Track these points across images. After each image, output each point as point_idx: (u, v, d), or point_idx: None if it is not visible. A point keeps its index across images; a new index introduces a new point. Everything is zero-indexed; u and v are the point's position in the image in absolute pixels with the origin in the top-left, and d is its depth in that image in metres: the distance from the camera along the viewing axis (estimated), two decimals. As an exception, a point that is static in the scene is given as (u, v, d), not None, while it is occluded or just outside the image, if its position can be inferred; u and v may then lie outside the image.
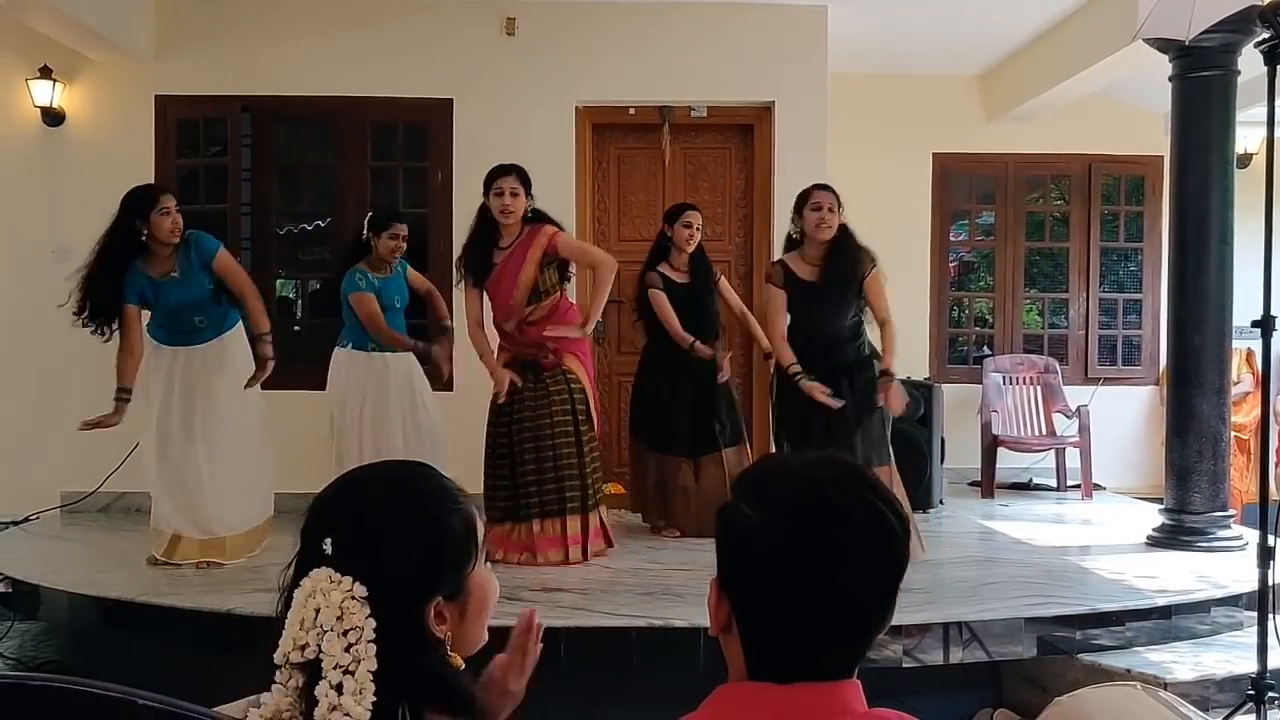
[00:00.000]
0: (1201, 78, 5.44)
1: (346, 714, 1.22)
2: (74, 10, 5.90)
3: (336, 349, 5.57)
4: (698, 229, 5.86)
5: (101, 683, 1.05)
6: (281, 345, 6.79)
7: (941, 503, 6.89)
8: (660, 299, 5.75)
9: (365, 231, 5.49)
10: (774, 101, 6.79)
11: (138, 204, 4.83)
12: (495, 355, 5.24)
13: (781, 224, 6.58)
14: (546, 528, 5.11)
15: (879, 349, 5.09)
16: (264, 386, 5.10)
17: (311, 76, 6.67)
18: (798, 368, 4.94)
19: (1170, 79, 5.59)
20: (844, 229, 5.02)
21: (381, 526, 1.33)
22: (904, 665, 4.10)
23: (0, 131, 6.77)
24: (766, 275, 5.24)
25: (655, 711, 1.35)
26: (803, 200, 5.04)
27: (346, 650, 1.24)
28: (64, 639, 5.08)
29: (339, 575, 1.27)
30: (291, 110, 6.86)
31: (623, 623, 4.12)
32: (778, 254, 6.57)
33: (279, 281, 7.18)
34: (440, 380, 5.70)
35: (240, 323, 5.11)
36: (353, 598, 1.26)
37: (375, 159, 6.88)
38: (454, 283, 5.38)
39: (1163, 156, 7.05)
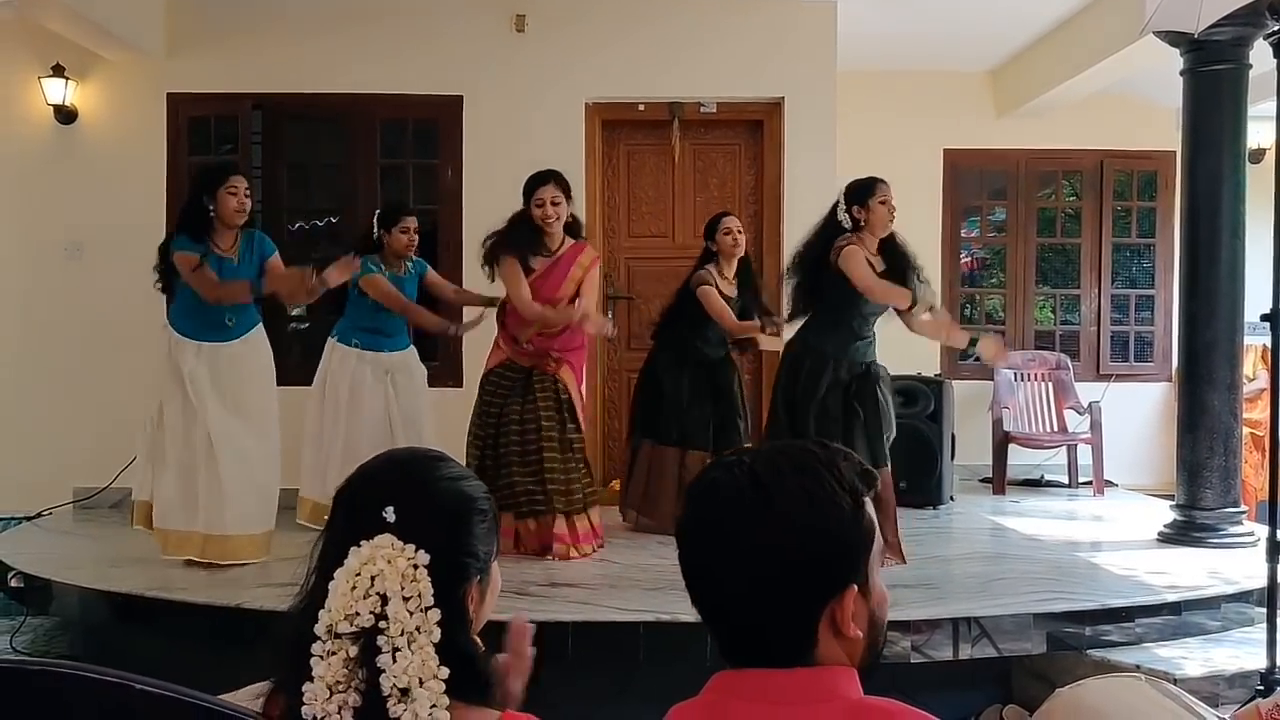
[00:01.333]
0: (1213, 72, 5.42)
1: (420, 681, 1.22)
2: (86, 9, 5.93)
3: (330, 339, 5.61)
4: (739, 232, 5.71)
5: (98, 667, 1.06)
6: (292, 341, 6.88)
7: (952, 499, 6.87)
8: (712, 294, 5.56)
9: (376, 229, 5.50)
10: (784, 98, 6.78)
11: (207, 180, 4.86)
12: (489, 355, 5.24)
13: (791, 219, 6.60)
14: (530, 526, 5.14)
15: None
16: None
17: (322, 74, 6.69)
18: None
19: (1181, 73, 5.56)
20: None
21: (442, 501, 1.35)
22: (913, 661, 4.10)
23: (13, 130, 6.81)
24: (852, 251, 4.86)
25: (663, 706, 1.35)
26: (868, 192, 4.90)
27: (411, 616, 1.24)
28: (76, 634, 5.11)
29: (401, 543, 1.28)
30: (302, 107, 6.89)
31: (630, 617, 4.12)
32: (788, 250, 6.58)
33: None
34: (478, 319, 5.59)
35: (260, 324, 5.06)
36: (415, 565, 1.27)
37: (385, 156, 6.90)
38: (482, 266, 5.17)
39: (1175, 152, 7.00)
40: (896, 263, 4.95)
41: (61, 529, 6.06)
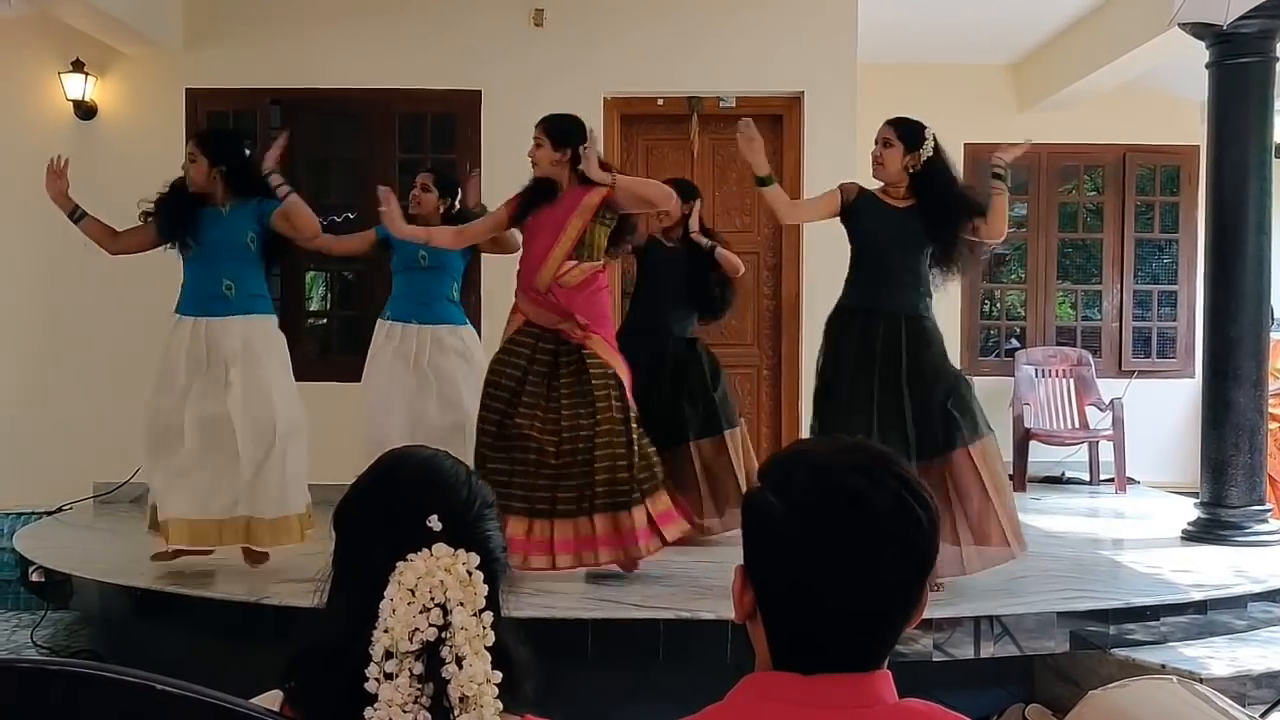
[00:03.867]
0: (1239, 64, 5.36)
1: (479, 686, 1.21)
2: (105, 4, 5.94)
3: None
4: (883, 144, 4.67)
5: (120, 667, 1.04)
6: (311, 337, 6.88)
7: (972, 496, 6.81)
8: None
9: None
10: (803, 92, 6.74)
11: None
12: (508, 321, 4.72)
13: (811, 215, 6.56)
14: (596, 525, 4.48)
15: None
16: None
17: (340, 69, 6.69)
18: None
19: (1207, 66, 5.51)
20: None
21: (470, 501, 1.33)
22: (934, 659, 4.06)
23: (33, 125, 6.83)
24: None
25: (683, 703, 1.33)
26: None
27: (472, 622, 1.23)
28: (96, 628, 5.13)
29: (453, 549, 1.26)
30: (320, 103, 6.88)
31: (650, 614, 4.09)
32: (808, 245, 6.57)
33: (309, 274, 7.20)
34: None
35: (273, 317, 4.84)
36: (469, 570, 1.25)
37: (404, 151, 6.88)
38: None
39: (1198, 146, 6.96)
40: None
41: (82, 524, 6.09)
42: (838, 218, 4.61)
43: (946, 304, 7.76)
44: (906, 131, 4.49)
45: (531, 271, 4.60)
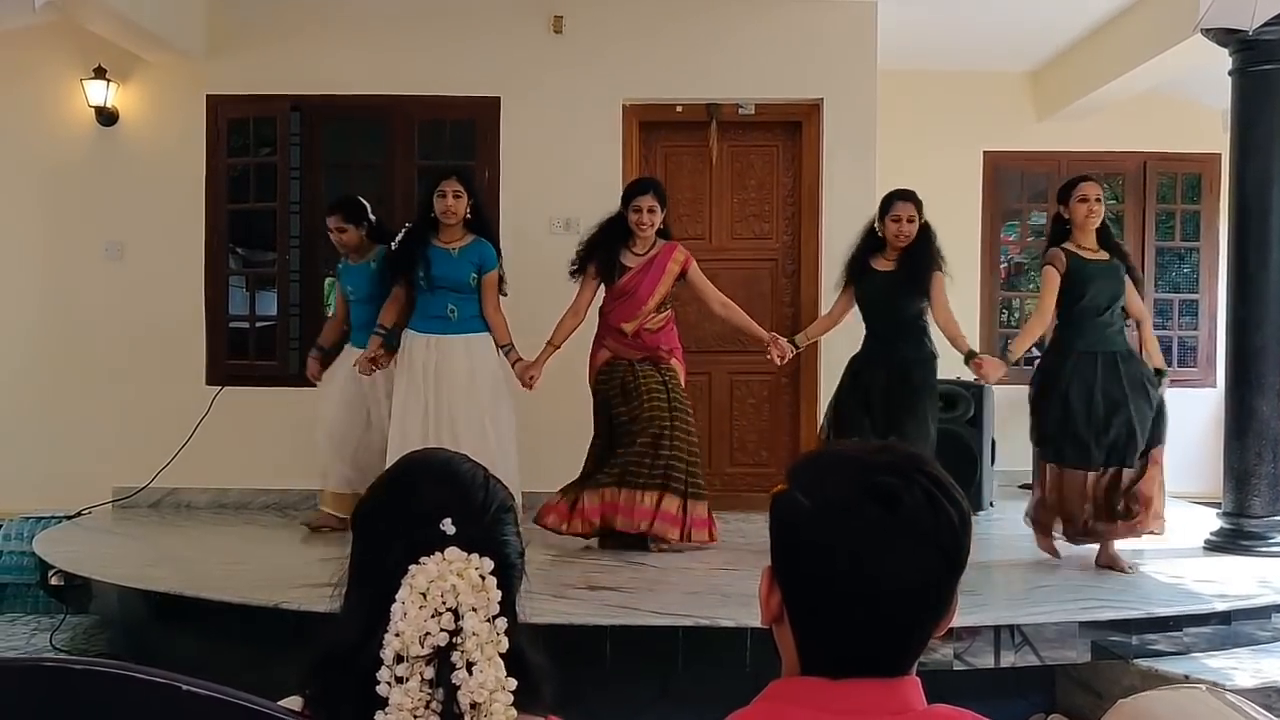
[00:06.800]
0: (1262, 72, 5.33)
1: (492, 692, 1.20)
2: (128, 11, 5.97)
3: None
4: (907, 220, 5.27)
5: (144, 667, 1.04)
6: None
7: (991, 505, 6.79)
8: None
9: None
10: (823, 99, 6.72)
11: (428, 182, 5.58)
12: (592, 353, 5.51)
13: (830, 222, 6.54)
14: (645, 499, 5.27)
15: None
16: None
17: (360, 76, 6.70)
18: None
19: (1230, 73, 5.47)
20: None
21: (487, 504, 1.32)
22: (955, 668, 4.03)
23: (55, 131, 6.87)
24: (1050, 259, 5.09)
25: (701, 711, 1.32)
26: (1068, 192, 5.06)
27: (484, 628, 1.21)
28: (115, 632, 5.13)
29: (466, 554, 1.25)
30: (340, 109, 6.90)
31: (669, 622, 4.07)
32: (826, 252, 6.54)
33: (328, 281, 7.22)
34: None
35: (489, 336, 5.46)
36: (483, 575, 1.24)
37: (423, 157, 6.87)
38: (570, 273, 5.49)
39: (1220, 154, 6.91)
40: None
41: (101, 528, 6.11)
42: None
43: (965, 312, 7.75)
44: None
45: (621, 320, 5.42)
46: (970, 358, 5.12)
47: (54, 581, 5.23)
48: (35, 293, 6.92)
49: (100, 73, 6.71)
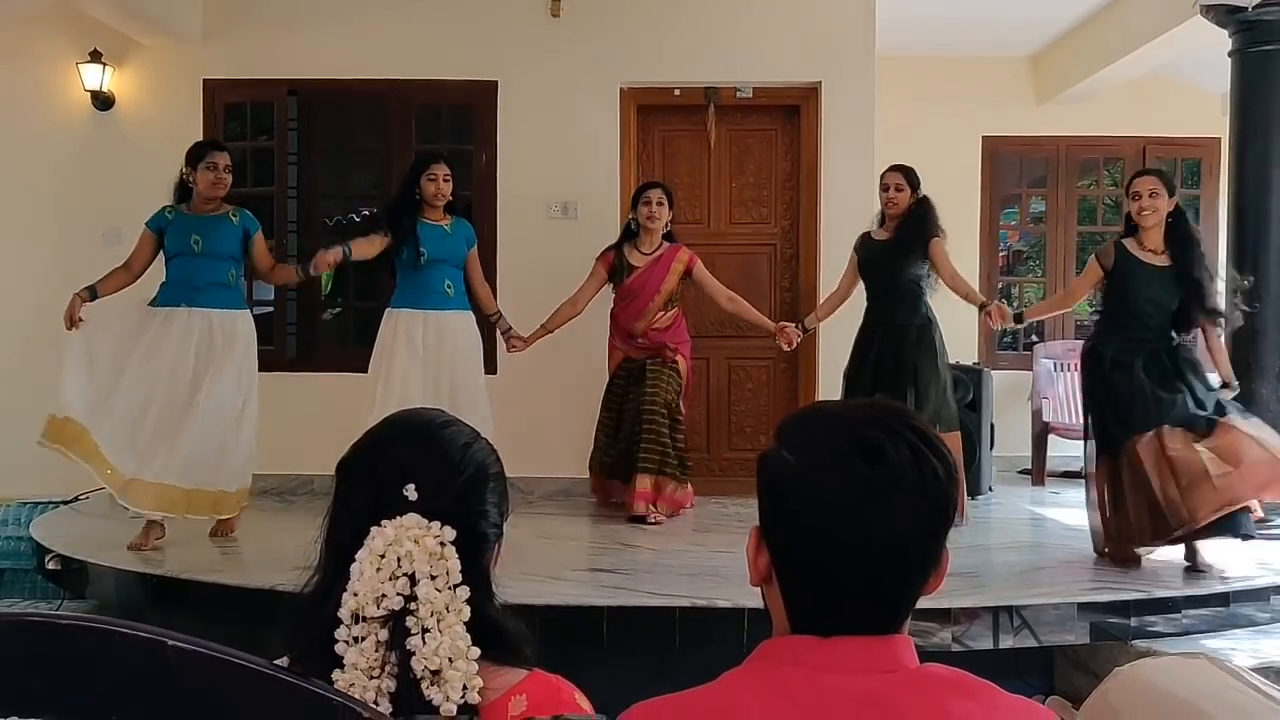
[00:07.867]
0: (1262, 52, 5.31)
1: (450, 660, 1.19)
2: (123, -6, 5.95)
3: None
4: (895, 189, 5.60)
5: (131, 622, 1.03)
6: (328, 328, 6.88)
7: (991, 489, 6.78)
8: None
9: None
10: (821, 82, 6.69)
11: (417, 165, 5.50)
12: (609, 352, 5.94)
13: (829, 206, 6.52)
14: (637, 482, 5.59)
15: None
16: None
17: (357, 60, 6.67)
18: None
19: (1230, 54, 5.45)
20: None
21: (462, 472, 1.31)
22: (953, 650, 4.03)
23: (51, 116, 6.85)
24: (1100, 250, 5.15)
25: (699, 691, 1.30)
26: (1128, 188, 4.89)
27: (440, 595, 1.20)
28: (112, 616, 5.12)
29: (426, 521, 1.24)
30: (337, 94, 6.87)
31: (666, 603, 4.08)
32: (824, 236, 6.53)
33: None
34: None
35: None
36: (442, 544, 1.23)
37: (420, 142, 6.85)
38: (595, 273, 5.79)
39: (1219, 139, 6.89)
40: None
41: (98, 513, 6.09)
42: None
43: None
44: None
45: (630, 320, 5.76)
46: (983, 307, 5.37)
47: (51, 566, 5.22)
48: (32, 278, 6.89)
49: (96, 57, 6.69)
